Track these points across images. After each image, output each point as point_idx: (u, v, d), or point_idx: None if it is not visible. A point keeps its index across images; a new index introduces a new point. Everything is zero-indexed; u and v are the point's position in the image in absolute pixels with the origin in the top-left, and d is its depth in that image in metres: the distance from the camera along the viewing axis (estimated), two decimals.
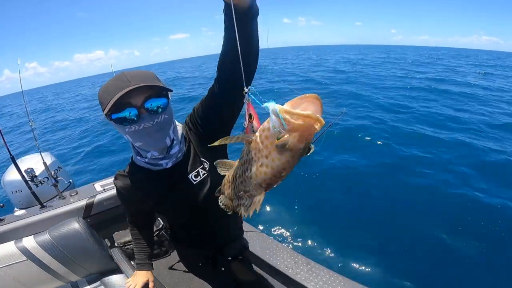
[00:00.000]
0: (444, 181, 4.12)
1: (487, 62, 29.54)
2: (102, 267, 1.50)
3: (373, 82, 12.97)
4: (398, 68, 20.26)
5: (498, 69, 21.84)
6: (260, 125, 0.45)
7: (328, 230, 3.25)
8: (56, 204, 1.77)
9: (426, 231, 3.16)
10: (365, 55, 40.46)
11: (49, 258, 1.33)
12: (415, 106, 8.23)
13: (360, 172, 4.69)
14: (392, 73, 16.87)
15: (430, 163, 4.68)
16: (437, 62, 26.86)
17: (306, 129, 0.37)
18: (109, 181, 2.04)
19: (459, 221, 3.26)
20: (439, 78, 14.58)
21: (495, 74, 17.60)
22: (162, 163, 0.86)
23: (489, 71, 19.49)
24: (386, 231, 3.20)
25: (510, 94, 10.49)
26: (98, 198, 1.83)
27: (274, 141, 0.40)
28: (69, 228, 1.39)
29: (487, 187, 3.90)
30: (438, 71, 18.37)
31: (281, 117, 0.37)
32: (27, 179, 1.85)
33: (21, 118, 14.46)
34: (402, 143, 5.44)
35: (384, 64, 24.18)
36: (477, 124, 6.56)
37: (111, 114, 0.72)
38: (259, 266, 1.57)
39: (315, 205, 3.78)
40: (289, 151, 0.40)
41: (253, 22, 0.65)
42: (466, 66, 22.96)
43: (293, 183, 4.04)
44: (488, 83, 13.12)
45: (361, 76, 15.21)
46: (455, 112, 7.71)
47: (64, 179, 2.19)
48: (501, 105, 8.54)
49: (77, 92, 31.82)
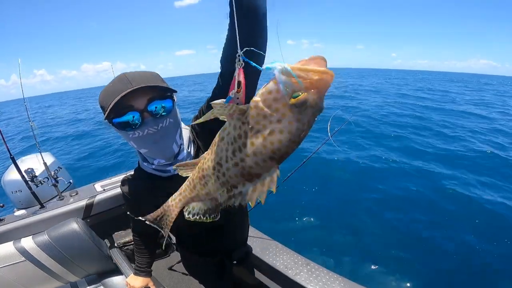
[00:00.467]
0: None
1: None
2: (101, 268, 1.49)
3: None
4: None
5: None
6: (260, 89, 0.40)
7: (328, 229, 3.25)
8: (56, 205, 1.77)
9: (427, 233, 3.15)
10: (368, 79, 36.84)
11: (47, 258, 1.33)
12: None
13: (360, 172, 4.68)
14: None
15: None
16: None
17: (324, 84, 0.36)
18: (110, 182, 2.04)
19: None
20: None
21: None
22: (170, 169, 0.83)
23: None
24: (386, 231, 3.19)
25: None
26: (98, 198, 1.83)
27: (287, 102, 0.36)
28: (67, 228, 1.39)
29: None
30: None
31: (295, 75, 0.35)
32: (27, 179, 1.85)
33: (23, 122, 14.21)
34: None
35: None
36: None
37: (112, 118, 0.68)
38: (259, 266, 1.57)
39: (315, 204, 3.77)
40: (310, 108, 0.37)
41: (258, 16, 0.61)
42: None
43: (294, 182, 4.04)
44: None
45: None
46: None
47: (64, 179, 2.19)
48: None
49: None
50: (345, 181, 4.46)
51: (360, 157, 5.41)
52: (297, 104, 0.36)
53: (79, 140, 9.06)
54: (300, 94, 0.36)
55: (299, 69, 0.35)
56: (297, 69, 0.35)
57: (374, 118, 8.47)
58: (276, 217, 3.42)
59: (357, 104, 12.63)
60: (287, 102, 0.37)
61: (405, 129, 7.41)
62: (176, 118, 0.77)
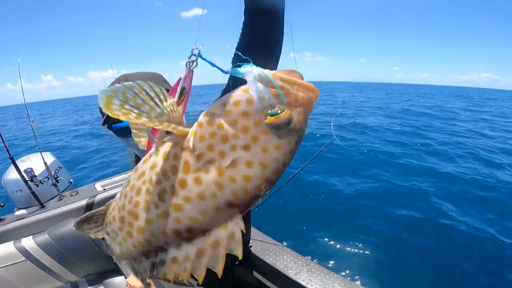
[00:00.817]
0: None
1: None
2: (101, 268, 1.49)
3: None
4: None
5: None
6: (219, 100, 0.27)
7: (328, 229, 3.24)
8: (56, 204, 1.77)
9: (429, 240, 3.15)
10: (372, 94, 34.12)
11: (47, 258, 1.33)
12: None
13: (358, 171, 4.68)
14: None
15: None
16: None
17: (311, 103, 0.27)
18: (110, 181, 2.04)
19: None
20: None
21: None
22: None
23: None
24: (387, 231, 3.19)
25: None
26: (98, 198, 1.83)
27: (261, 120, 0.25)
28: (68, 228, 1.39)
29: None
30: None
31: (277, 85, 0.25)
32: (26, 179, 1.85)
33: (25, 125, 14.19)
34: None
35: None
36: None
37: (112, 124, 0.66)
38: (259, 267, 1.57)
39: (315, 204, 3.77)
40: (294, 133, 0.26)
41: (273, 22, 0.56)
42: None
43: (295, 182, 4.03)
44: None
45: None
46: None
47: (64, 179, 2.19)
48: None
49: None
50: (349, 180, 4.46)
51: (367, 156, 5.42)
52: (276, 124, 0.25)
53: (79, 139, 9.07)
54: (280, 112, 0.26)
55: (282, 79, 0.26)
56: (279, 78, 0.26)
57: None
58: (276, 217, 3.42)
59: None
60: (261, 120, 0.25)
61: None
62: None
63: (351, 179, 4.50)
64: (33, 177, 1.91)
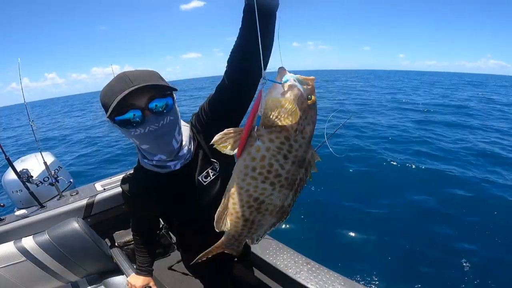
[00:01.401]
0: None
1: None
2: (101, 267, 1.49)
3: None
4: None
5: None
6: (280, 99, 0.47)
7: (329, 229, 3.25)
8: (56, 204, 1.77)
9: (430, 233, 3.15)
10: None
11: (48, 258, 1.33)
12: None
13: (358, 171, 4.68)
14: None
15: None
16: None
17: (314, 90, 0.51)
18: (110, 181, 2.04)
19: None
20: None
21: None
22: (171, 165, 0.84)
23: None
24: (387, 231, 3.19)
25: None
26: (98, 197, 1.83)
27: (306, 102, 0.49)
28: (68, 228, 1.39)
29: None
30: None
31: (305, 83, 0.49)
32: (23, 180, 1.85)
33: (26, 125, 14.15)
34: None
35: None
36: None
37: (114, 116, 0.69)
38: (259, 265, 1.57)
39: (315, 203, 3.77)
40: (315, 106, 0.52)
41: (270, 21, 0.64)
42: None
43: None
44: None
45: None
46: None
47: (64, 179, 2.19)
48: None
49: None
50: (351, 181, 4.46)
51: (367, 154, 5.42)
52: (312, 103, 0.51)
53: (80, 140, 9.08)
54: (310, 97, 0.50)
55: (303, 78, 0.49)
56: (303, 78, 0.49)
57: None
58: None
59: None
60: (306, 102, 0.50)
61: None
62: (176, 116, 0.79)
63: (350, 175, 4.51)
64: (30, 177, 1.90)
